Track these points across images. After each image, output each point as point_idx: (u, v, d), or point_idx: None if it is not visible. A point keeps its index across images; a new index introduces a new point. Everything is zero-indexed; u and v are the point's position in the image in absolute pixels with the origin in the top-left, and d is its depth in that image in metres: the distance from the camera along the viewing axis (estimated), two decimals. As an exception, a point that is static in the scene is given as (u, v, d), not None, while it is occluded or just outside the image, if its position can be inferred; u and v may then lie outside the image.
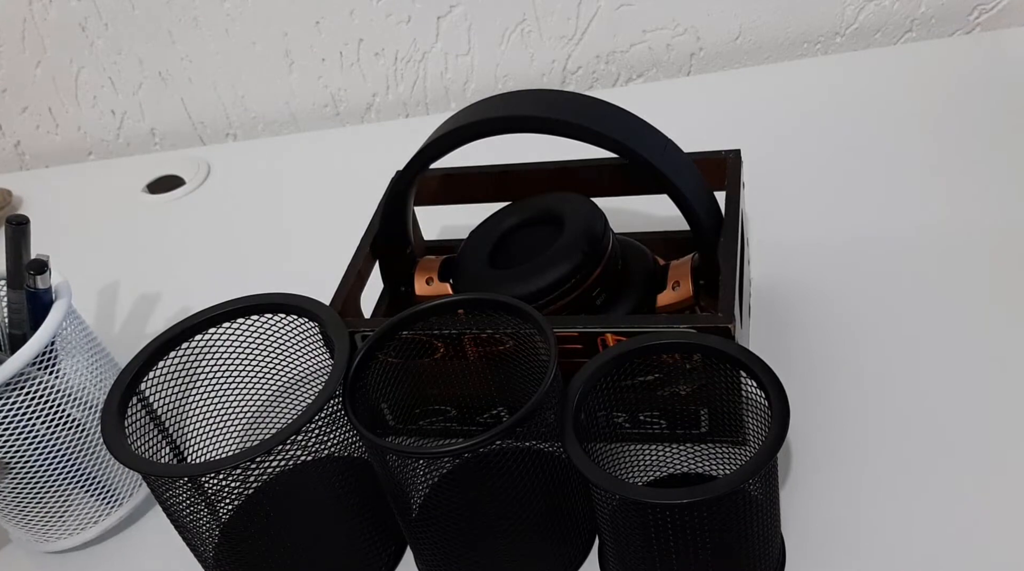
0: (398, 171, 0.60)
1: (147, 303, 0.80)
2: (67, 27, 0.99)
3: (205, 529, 0.51)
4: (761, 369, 0.45)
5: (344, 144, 0.96)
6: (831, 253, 0.66)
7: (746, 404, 0.49)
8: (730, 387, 0.49)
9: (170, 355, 0.53)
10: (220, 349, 0.56)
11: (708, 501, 0.40)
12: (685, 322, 0.49)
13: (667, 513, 0.42)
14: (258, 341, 0.56)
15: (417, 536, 0.50)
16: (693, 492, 0.41)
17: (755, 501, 0.43)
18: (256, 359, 0.57)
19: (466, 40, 0.94)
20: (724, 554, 0.45)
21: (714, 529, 0.42)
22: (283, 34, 0.97)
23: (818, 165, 0.75)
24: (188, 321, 0.53)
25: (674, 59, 0.93)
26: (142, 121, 1.06)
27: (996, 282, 0.61)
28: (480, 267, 0.58)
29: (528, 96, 0.55)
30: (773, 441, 0.42)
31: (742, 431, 0.51)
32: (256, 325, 0.55)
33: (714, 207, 0.55)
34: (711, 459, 0.53)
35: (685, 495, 0.41)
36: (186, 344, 0.54)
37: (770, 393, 0.44)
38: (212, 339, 0.55)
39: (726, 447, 0.52)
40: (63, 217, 0.96)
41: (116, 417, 0.48)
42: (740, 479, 0.41)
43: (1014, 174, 0.69)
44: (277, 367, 0.58)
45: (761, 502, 0.44)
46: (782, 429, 0.42)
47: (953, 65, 0.82)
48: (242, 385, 0.58)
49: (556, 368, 0.45)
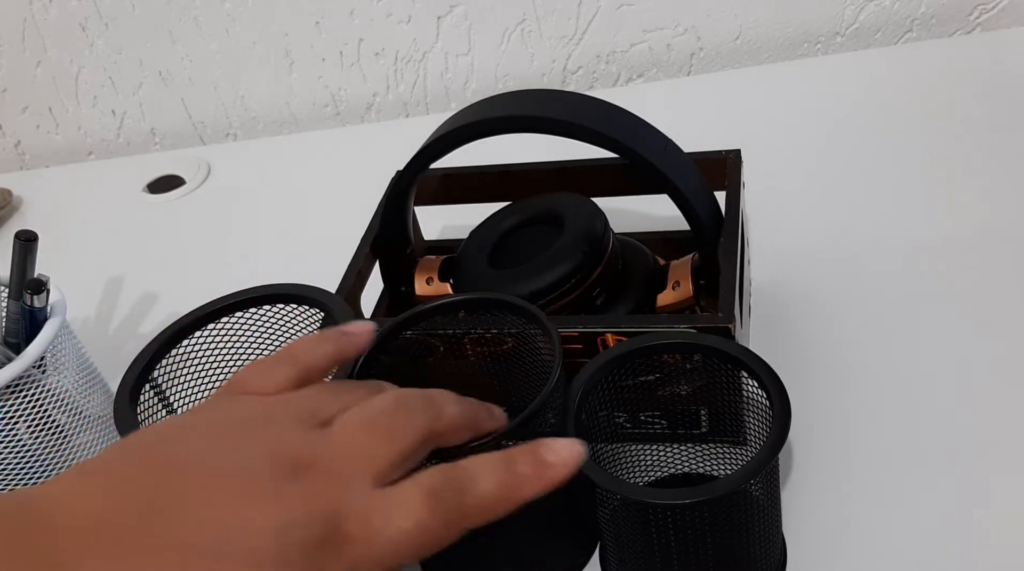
0: (398, 171, 0.60)
1: (147, 303, 0.80)
2: (67, 27, 0.99)
3: None
4: (762, 369, 0.45)
5: (344, 144, 0.96)
6: (831, 253, 0.66)
7: (746, 404, 0.49)
8: (730, 387, 0.49)
9: (183, 343, 0.53)
10: (233, 338, 0.56)
11: (710, 501, 0.40)
12: (685, 322, 0.49)
13: (668, 513, 0.42)
14: (270, 330, 0.56)
15: None
16: (696, 492, 0.40)
17: (756, 501, 0.43)
18: (267, 348, 0.57)
19: (466, 40, 0.94)
20: (725, 554, 0.45)
21: (716, 529, 0.42)
22: (283, 34, 0.97)
23: (818, 165, 0.75)
24: (201, 310, 0.54)
25: (674, 59, 0.93)
26: (142, 121, 1.06)
27: (997, 282, 0.61)
28: (480, 267, 0.58)
29: (528, 96, 0.55)
30: (775, 441, 0.42)
31: (742, 431, 0.51)
32: (268, 315, 0.56)
33: (714, 207, 0.55)
34: (711, 459, 0.53)
35: (687, 495, 0.40)
36: (199, 332, 0.54)
37: (771, 393, 0.44)
38: (225, 328, 0.55)
39: (726, 447, 0.52)
40: (63, 217, 0.96)
41: (128, 404, 0.49)
42: (742, 479, 0.41)
43: (1014, 174, 0.69)
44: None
45: (762, 502, 0.44)
46: (784, 429, 0.42)
47: (953, 65, 0.82)
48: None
49: (560, 368, 0.45)
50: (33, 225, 0.58)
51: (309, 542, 0.29)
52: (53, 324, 0.56)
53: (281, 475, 0.30)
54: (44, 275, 0.57)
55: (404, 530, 0.31)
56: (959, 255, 0.64)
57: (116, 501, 0.30)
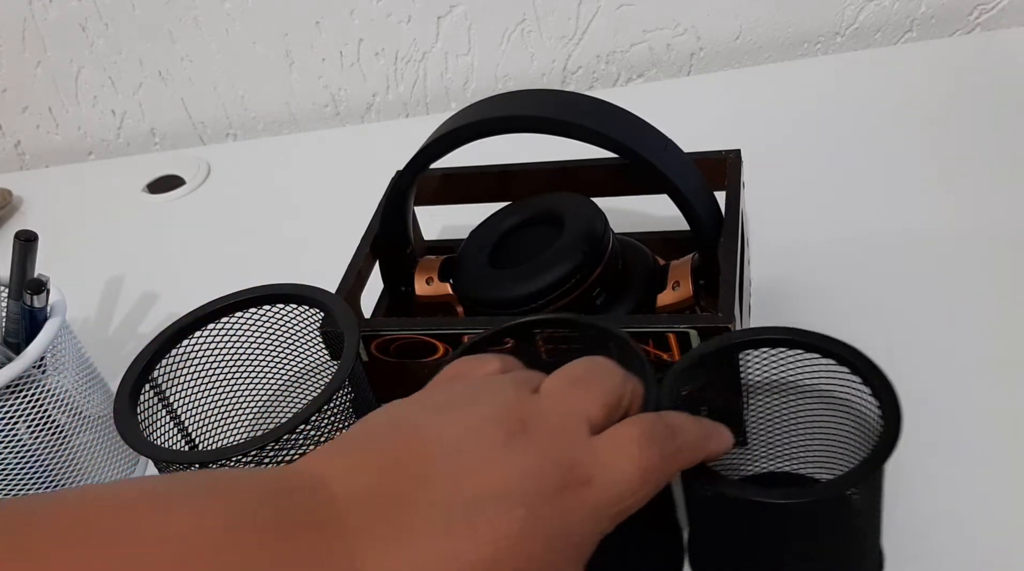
0: (398, 171, 0.60)
1: (146, 303, 0.80)
2: (67, 27, 0.99)
3: None
4: (866, 366, 0.43)
5: (344, 144, 0.96)
6: (831, 253, 0.66)
7: (746, 404, 0.49)
8: (730, 387, 0.49)
9: (183, 343, 0.54)
10: (233, 338, 0.56)
11: (816, 502, 0.39)
12: (685, 322, 0.49)
13: (767, 512, 0.40)
14: (270, 330, 0.57)
15: None
16: (801, 493, 0.39)
17: (855, 508, 0.42)
18: (267, 348, 0.58)
19: (466, 40, 0.94)
20: (819, 559, 0.44)
21: (812, 532, 0.41)
22: (283, 34, 0.97)
23: (818, 165, 0.75)
24: (201, 309, 0.54)
25: (674, 59, 0.93)
26: (142, 121, 1.06)
27: (997, 282, 0.61)
28: (480, 267, 0.58)
29: (528, 96, 0.55)
30: (886, 445, 0.40)
31: (742, 432, 0.51)
32: (268, 314, 0.56)
33: (714, 207, 0.55)
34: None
35: (791, 495, 0.39)
36: (199, 332, 0.54)
37: (880, 393, 0.42)
38: (225, 328, 0.55)
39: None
40: (63, 217, 0.96)
41: (128, 404, 0.49)
42: (846, 484, 0.39)
43: (1014, 174, 0.69)
44: (288, 357, 0.58)
45: (862, 509, 0.43)
46: (895, 432, 0.40)
47: (953, 65, 0.82)
48: (253, 374, 0.58)
49: (655, 385, 0.43)
50: (33, 225, 0.58)
51: (549, 487, 0.33)
52: (53, 324, 0.56)
53: (512, 433, 0.34)
54: (44, 275, 0.57)
55: (629, 468, 0.34)
56: (959, 254, 0.64)
57: (387, 474, 0.33)
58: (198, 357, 0.55)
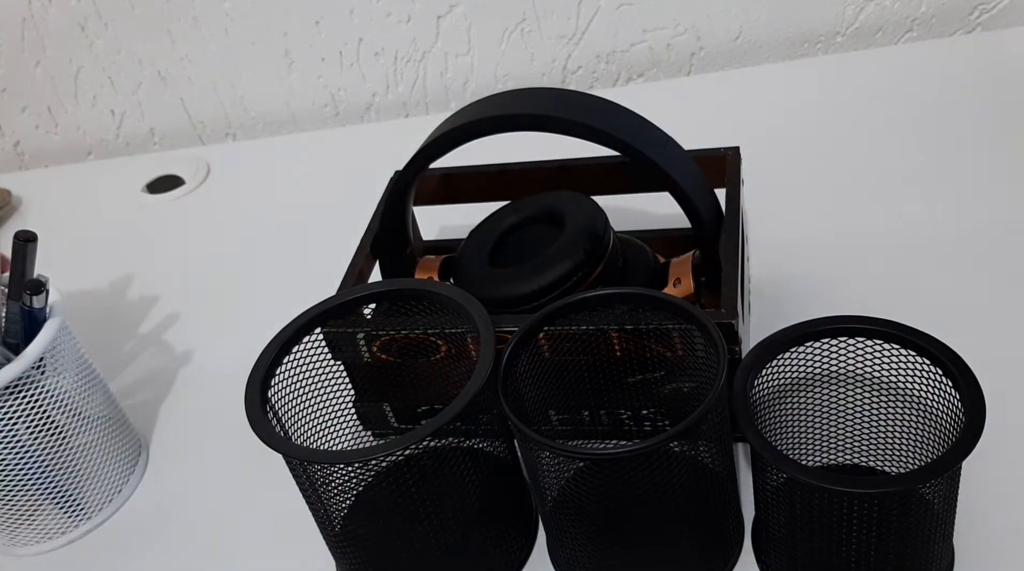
0: (398, 171, 0.60)
1: (146, 303, 0.80)
2: (67, 27, 0.99)
3: (336, 510, 0.50)
4: (951, 359, 0.43)
5: (344, 144, 0.96)
6: (830, 251, 0.66)
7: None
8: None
9: (293, 349, 0.53)
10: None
11: (888, 494, 0.39)
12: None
13: (839, 500, 0.40)
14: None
15: (558, 526, 0.48)
16: (871, 482, 0.39)
17: (929, 504, 0.42)
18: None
19: (466, 40, 0.94)
20: (885, 556, 0.43)
21: (879, 525, 0.41)
22: (283, 34, 0.97)
23: (818, 164, 0.75)
24: (315, 309, 0.53)
25: (674, 59, 0.93)
26: (142, 121, 1.06)
27: (996, 280, 0.61)
28: (481, 266, 0.58)
29: (528, 95, 0.55)
30: (967, 441, 0.39)
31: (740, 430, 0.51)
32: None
33: (715, 204, 0.55)
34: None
35: (864, 484, 0.39)
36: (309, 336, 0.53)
37: (963, 387, 0.41)
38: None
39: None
40: (63, 217, 0.96)
41: (260, 406, 0.48)
42: (923, 477, 0.39)
43: (1014, 173, 0.69)
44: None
45: (936, 506, 0.42)
46: (977, 429, 0.40)
47: (953, 65, 0.82)
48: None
49: (724, 372, 0.43)
50: (32, 225, 0.58)
51: None
52: (52, 325, 0.56)
53: None
54: (43, 275, 0.57)
55: None
56: (958, 253, 0.64)
57: None
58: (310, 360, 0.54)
